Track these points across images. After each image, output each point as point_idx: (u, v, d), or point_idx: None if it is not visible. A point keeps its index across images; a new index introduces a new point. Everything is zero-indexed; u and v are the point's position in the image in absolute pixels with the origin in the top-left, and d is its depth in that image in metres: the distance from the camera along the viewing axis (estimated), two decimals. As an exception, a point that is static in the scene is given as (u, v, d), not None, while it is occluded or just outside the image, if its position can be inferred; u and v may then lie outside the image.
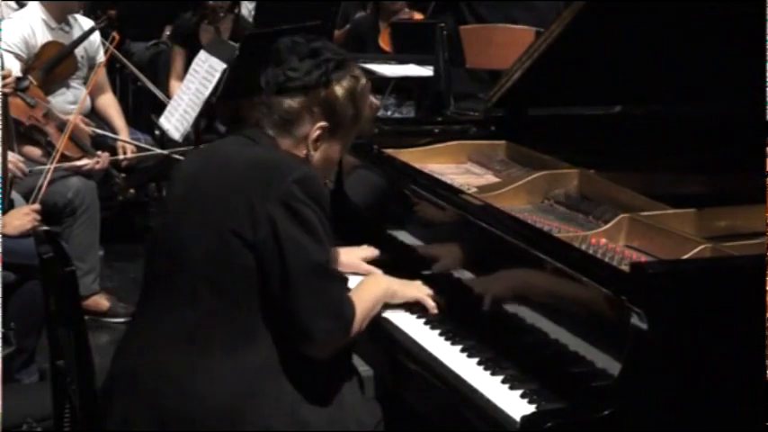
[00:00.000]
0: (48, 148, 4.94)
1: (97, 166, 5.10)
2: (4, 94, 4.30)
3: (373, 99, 6.67)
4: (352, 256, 3.03)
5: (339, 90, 2.59)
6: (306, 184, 2.44)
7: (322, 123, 2.58)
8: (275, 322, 2.43)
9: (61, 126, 4.99)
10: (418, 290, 2.79)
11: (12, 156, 4.54)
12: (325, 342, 2.45)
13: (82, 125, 5.25)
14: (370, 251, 3.08)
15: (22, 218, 4.01)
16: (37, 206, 4.20)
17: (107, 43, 5.60)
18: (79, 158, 5.05)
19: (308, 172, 2.48)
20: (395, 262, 3.00)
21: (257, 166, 2.49)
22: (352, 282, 2.73)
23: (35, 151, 4.99)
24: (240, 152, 2.56)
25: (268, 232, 2.40)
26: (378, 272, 2.96)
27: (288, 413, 2.43)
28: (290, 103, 2.57)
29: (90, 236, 5.07)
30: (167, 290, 2.50)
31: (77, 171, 5.03)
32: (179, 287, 2.47)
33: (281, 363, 2.44)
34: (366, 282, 2.75)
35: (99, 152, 5.14)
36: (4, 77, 4.45)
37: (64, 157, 4.89)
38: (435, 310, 2.74)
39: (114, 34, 5.56)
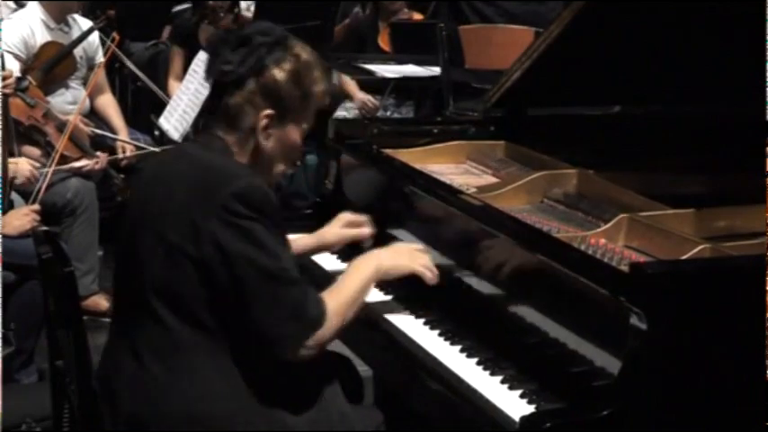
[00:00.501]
0: (47, 149, 4.93)
1: (96, 167, 5.09)
2: (5, 95, 4.29)
3: (367, 96, 6.69)
4: (332, 231, 2.99)
5: (278, 73, 2.48)
6: (244, 197, 2.36)
7: (267, 112, 2.48)
8: (238, 332, 2.38)
9: (60, 126, 4.99)
10: (411, 259, 2.69)
11: (25, 161, 4.55)
12: (294, 346, 2.37)
13: (81, 125, 5.24)
14: (346, 218, 3.00)
15: (22, 218, 4.01)
16: (36, 206, 4.19)
17: (108, 41, 5.60)
18: (78, 159, 5.04)
19: (246, 184, 2.38)
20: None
21: (198, 179, 2.42)
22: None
23: (34, 151, 4.99)
24: (186, 163, 2.50)
25: (212, 249, 2.34)
26: (366, 232, 2.93)
27: (263, 417, 2.40)
28: (229, 97, 2.49)
29: (89, 236, 5.07)
30: (131, 305, 2.48)
31: (76, 172, 5.03)
32: (140, 302, 2.43)
33: (250, 369, 2.39)
34: (350, 268, 2.64)
35: (98, 153, 5.14)
36: (5, 78, 4.44)
37: (63, 158, 4.89)
38: (433, 281, 2.67)
39: (114, 34, 5.56)
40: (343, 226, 2.99)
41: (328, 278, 2.84)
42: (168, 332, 2.39)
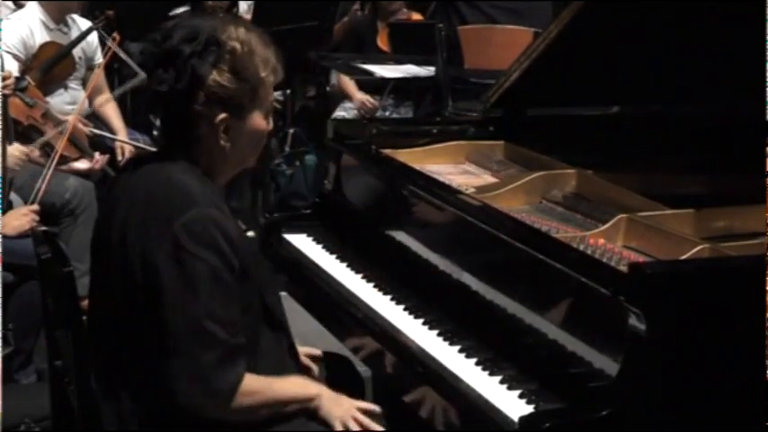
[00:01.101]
0: (45, 149, 4.93)
1: (96, 166, 5.09)
2: (5, 95, 4.29)
3: (366, 96, 6.69)
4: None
5: (219, 77, 2.32)
6: (194, 229, 2.24)
7: (221, 117, 2.34)
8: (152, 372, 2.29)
9: (59, 126, 4.99)
10: (343, 414, 2.45)
11: (16, 147, 4.54)
12: (190, 406, 2.25)
13: (80, 125, 5.24)
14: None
15: (21, 218, 4.00)
16: (35, 207, 4.19)
17: (109, 39, 5.59)
18: (77, 159, 5.04)
19: (198, 216, 2.26)
20: (389, 263, 2.98)
21: (150, 205, 2.31)
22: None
23: (33, 152, 4.98)
24: (147, 180, 2.37)
25: (153, 277, 2.25)
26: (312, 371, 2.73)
27: None
28: (176, 113, 2.37)
29: (88, 236, 5.04)
30: (97, 325, 2.45)
31: (75, 172, 5.03)
32: (103, 324, 2.41)
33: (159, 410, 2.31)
34: (296, 378, 2.49)
35: (97, 153, 5.14)
36: (5, 78, 4.44)
37: (62, 158, 4.88)
38: None
39: (115, 34, 5.56)
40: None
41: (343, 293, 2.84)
42: (124, 353, 2.35)
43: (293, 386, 2.45)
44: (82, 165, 5.04)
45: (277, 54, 2.43)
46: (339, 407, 2.47)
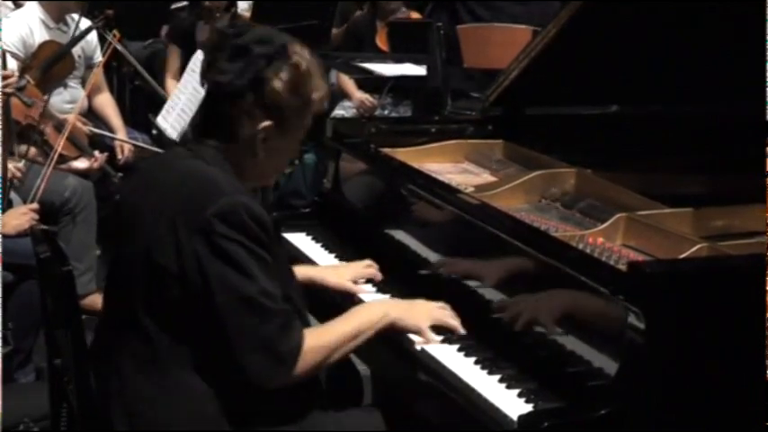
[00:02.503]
0: (44, 148, 4.93)
1: (95, 165, 5.09)
2: (6, 94, 4.29)
3: (365, 95, 6.69)
4: (342, 275, 2.91)
5: (277, 85, 2.39)
6: (228, 217, 2.29)
7: (266, 124, 2.40)
8: (218, 350, 2.33)
9: (58, 126, 4.98)
10: (424, 319, 2.57)
11: (11, 164, 4.54)
12: (260, 378, 2.32)
13: (79, 124, 5.24)
14: (361, 272, 2.94)
15: (20, 217, 4.00)
16: (35, 206, 4.19)
17: (109, 37, 5.59)
18: (76, 158, 5.04)
19: (229, 203, 2.30)
20: (388, 262, 2.98)
21: (184, 194, 2.35)
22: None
23: (31, 151, 4.98)
24: (175, 174, 2.42)
25: (194, 267, 2.29)
26: (365, 293, 2.85)
27: None
28: (225, 108, 2.42)
29: (87, 235, 5.06)
30: (118, 315, 2.45)
31: (75, 171, 5.03)
32: (126, 315, 2.40)
33: (231, 387, 2.35)
34: (353, 309, 2.58)
35: (96, 152, 5.14)
36: (6, 77, 4.45)
37: (61, 157, 4.88)
38: (437, 340, 2.55)
39: (115, 32, 5.56)
40: (354, 278, 2.91)
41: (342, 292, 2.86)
42: (153, 345, 2.36)
43: (354, 319, 2.52)
44: (81, 164, 5.04)
45: (328, 89, 2.52)
46: (416, 312, 2.58)
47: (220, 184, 2.35)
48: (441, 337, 2.55)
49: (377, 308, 2.59)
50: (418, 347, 2.54)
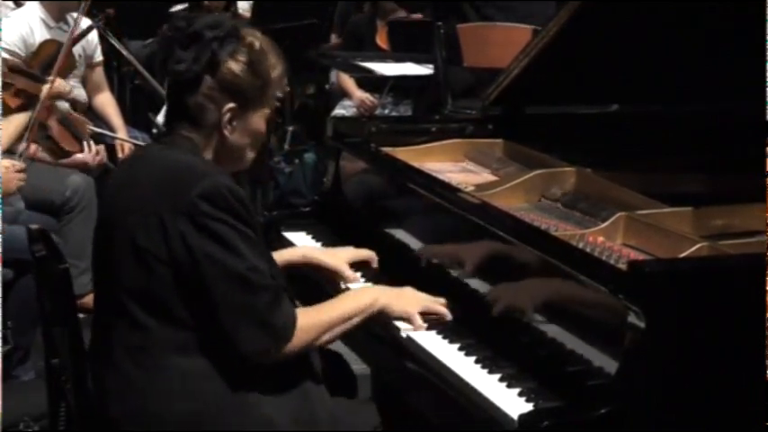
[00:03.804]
0: (48, 144, 4.92)
1: (96, 159, 5.08)
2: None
3: (366, 94, 6.69)
4: (336, 258, 2.94)
5: (234, 66, 2.43)
6: (211, 197, 2.33)
7: (229, 105, 2.45)
8: (212, 329, 2.36)
9: (63, 120, 4.98)
10: (413, 305, 2.62)
11: (7, 162, 4.53)
12: (255, 352, 2.36)
13: (80, 116, 5.23)
14: (357, 253, 2.97)
15: (7, 176, 3.98)
16: (21, 165, 4.19)
17: (105, 30, 5.60)
18: (79, 151, 5.03)
19: (212, 183, 2.35)
20: (388, 261, 2.98)
21: (164, 180, 2.40)
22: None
23: (31, 148, 4.97)
24: (152, 164, 2.48)
25: (181, 249, 2.33)
26: (357, 278, 2.88)
27: (247, 416, 2.39)
28: (188, 96, 2.45)
29: (87, 234, 5.04)
30: (107, 307, 2.48)
31: (77, 166, 5.03)
32: (115, 304, 2.43)
33: (226, 365, 2.38)
34: (346, 293, 2.63)
35: (101, 146, 5.13)
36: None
37: (62, 151, 4.87)
38: (424, 326, 2.60)
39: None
40: (348, 260, 2.94)
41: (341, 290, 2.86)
42: (144, 332, 2.38)
43: (346, 303, 2.57)
44: (81, 156, 5.02)
45: (285, 68, 2.55)
46: (405, 300, 2.62)
47: (200, 168, 2.41)
48: (427, 324, 2.59)
49: (367, 294, 2.63)
50: (404, 334, 2.57)
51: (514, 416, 2.18)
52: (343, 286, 2.88)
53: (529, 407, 2.24)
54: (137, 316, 2.38)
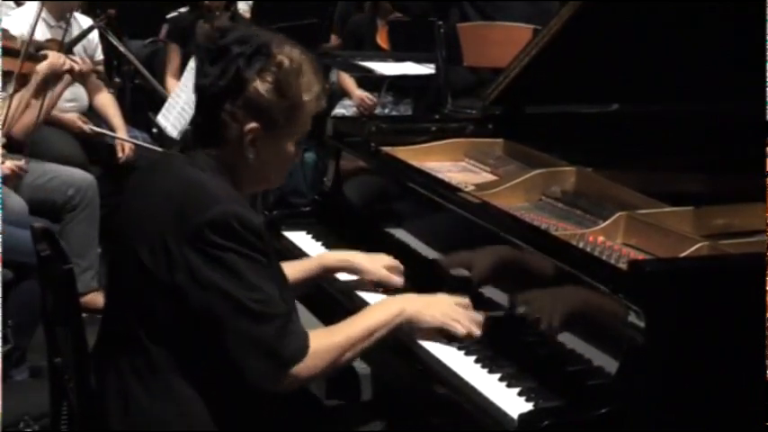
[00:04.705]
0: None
1: (84, 68, 5.02)
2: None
3: (365, 93, 6.69)
4: (375, 263, 2.84)
5: (260, 85, 2.33)
6: (218, 226, 2.25)
7: (251, 125, 2.35)
8: (213, 356, 2.30)
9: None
10: (444, 313, 2.51)
11: (9, 163, 4.54)
12: (265, 383, 2.29)
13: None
14: (393, 262, 2.87)
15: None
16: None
17: (106, 30, 5.59)
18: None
19: (220, 212, 2.26)
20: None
21: (174, 200, 2.31)
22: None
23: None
24: (169, 180, 2.39)
25: (185, 276, 2.25)
26: (396, 281, 2.81)
27: None
28: (211, 113, 2.37)
29: (89, 233, 5.07)
30: (115, 319, 2.44)
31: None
32: (121, 319, 2.39)
33: (228, 393, 2.33)
34: (369, 307, 2.53)
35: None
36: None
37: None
38: (466, 337, 2.49)
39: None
40: (385, 267, 2.85)
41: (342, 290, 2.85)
42: (147, 352, 2.33)
43: (367, 318, 2.46)
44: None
45: (324, 84, 2.45)
46: (434, 307, 2.51)
47: (212, 193, 2.31)
48: (478, 318, 2.51)
49: (392, 304, 2.52)
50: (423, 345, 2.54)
51: (514, 415, 2.18)
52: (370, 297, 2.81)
53: (529, 406, 2.24)
54: (140, 334, 2.33)
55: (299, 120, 2.41)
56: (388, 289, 2.82)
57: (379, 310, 2.49)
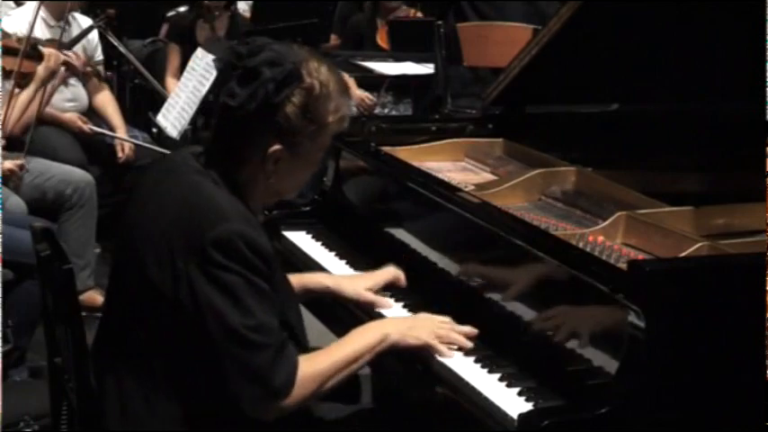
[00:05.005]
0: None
1: (77, 62, 5.05)
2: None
3: (365, 93, 6.68)
4: (358, 285, 2.81)
5: (288, 109, 2.30)
6: (224, 245, 2.21)
7: (276, 148, 2.32)
8: (207, 375, 2.29)
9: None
10: (428, 333, 2.49)
11: (9, 162, 4.54)
12: (255, 409, 2.27)
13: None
14: (381, 276, 2.84)
15: None
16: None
17: (106, 30, 5.60)
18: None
19: (227, 231, 2.23)
20: (388, 261, 2.97)
21: (183, 214, 2.28)
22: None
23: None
24: (180, 190, 2.33)
25: (187, 292, 2.23)
26: (386, 304, 2.77)
27: None
28: (233, 130, 2.34)
29: (86, 231, 5.07)
30: (111, 325, 2.44)
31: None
32: (119, 325, 2.39)
33: (220, 411, 2.31)
34: (352, 333, 2.48)
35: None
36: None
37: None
38: (450, 355, 2.47)
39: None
40: (370, 288, 2.80)
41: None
42: (144, 358, 2.33)
43: (352, 343, 2.43)
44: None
45: (348, 103, 2.43)
46: (417, 328, 2.49)
47: (221, 209, 2.28)
48: (454, 352, 2.49)
49: (376, 329, 2.50)
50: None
51: (514, 415, 2.18)
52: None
53: (529, 406, 2.24)
54: (139, 340, 2.33)
55: (323, 140, 2.40)
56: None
57: (363, 337, 2.46)
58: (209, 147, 2.43)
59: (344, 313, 2.84)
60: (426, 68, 6.25)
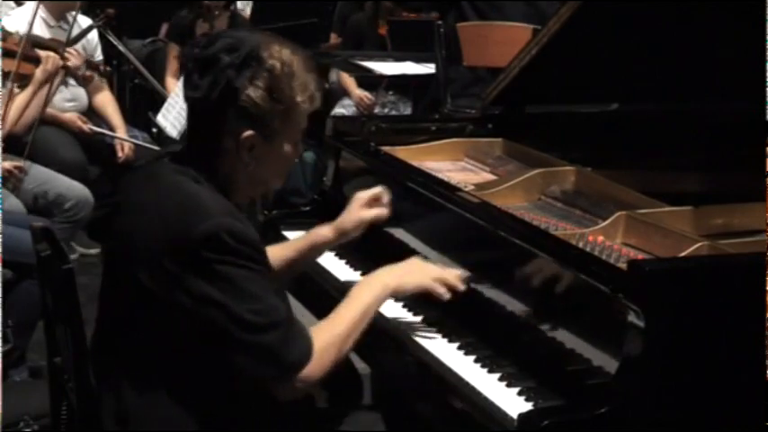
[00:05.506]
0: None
1: (78, 61, 5.05)
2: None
3: (365, 92, 6.69)
4: (351, 218, 2.82)
5: (252, 92, 2.28)
6: (211, 242, 2.20)
7: (247, 134, 2.30)
8: (209, 370, 2.29)
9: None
10: (423, 275, 2.55)
11: (8, 163, 4.54)
12: (280, 389, 2.29)
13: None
14: (362, 199, 2.85)
15: None
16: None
17: (106, 30, 5.60)
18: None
19: (212, 226, 2.21)
20: (388, 261, 2.97)
21: (168, 216, 2.26)
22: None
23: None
24: (161, 192, 2.32)
25: (185, 295, 2.22)
26: (381, 213, 2.80)
27: None
28: (203, 123, 2.33)
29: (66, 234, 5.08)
30: (107, 328, 2.43)
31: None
32: (117, 332, 2.38)
33: (217, 408, 2.32)
34: (350, 294, 2.48)
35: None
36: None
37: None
38: (446, 296, 2.53)
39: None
40: (360, 207, 2.83)
41: (342, 290, 2.83)
42: (142, 360, 2.32)
43: (357, 300, 2.45)
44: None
45: (318, 82, 2.40)
46: (411, 273, 2.55)
47: (203, 206, 2.26)
48: (456, 272, 2.57)
49: (375, 281, 2.52)
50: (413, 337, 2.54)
51: (514, 415, 2.18)
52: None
53: (528, 406, 2.24)
54: (136, 342, 2.33)
55: (295, 121, 2.38)
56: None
57: (365, 291, 2.48)
58: (186, 145, 2.42)
59: (333, 303, 2.85)
60: (426, 68, 6.24)
